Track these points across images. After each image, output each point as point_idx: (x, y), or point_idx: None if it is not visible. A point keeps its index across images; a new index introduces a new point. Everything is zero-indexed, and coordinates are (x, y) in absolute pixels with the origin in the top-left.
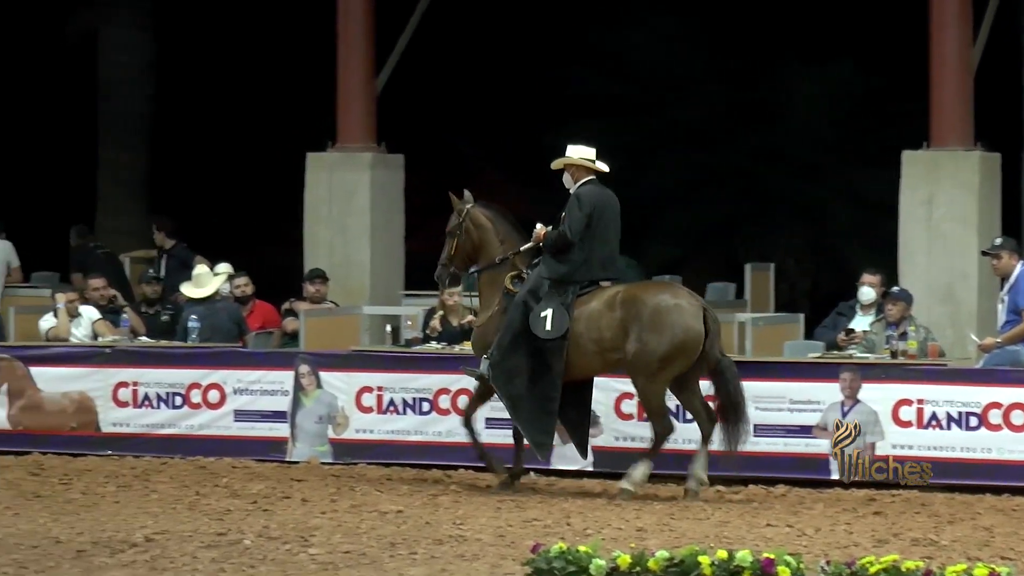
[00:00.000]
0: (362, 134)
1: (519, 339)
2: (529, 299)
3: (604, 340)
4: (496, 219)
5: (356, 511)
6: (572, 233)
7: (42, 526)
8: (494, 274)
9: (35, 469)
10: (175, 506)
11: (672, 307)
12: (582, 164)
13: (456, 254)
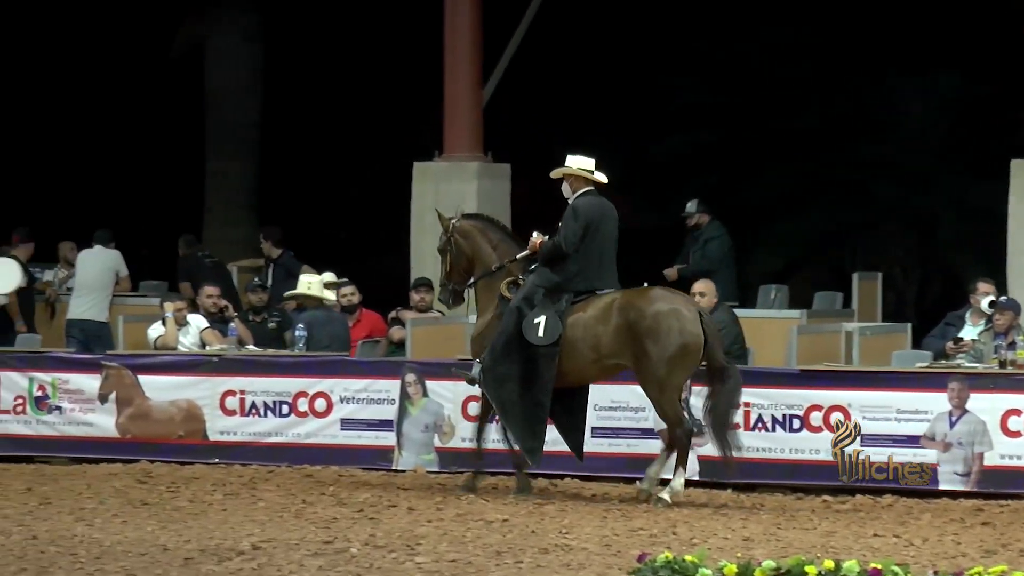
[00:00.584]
0: (469, 144)
1: (512, 345)
2: (523, 306)
3: (601, 347)
4: (485, 227)
5: (462, 520)
6: (567, 244)
7: (150, 534)
8: (490, 281)
9: (143, 477)
10: (282, 514)
11: (669, 313)
12: (581, 175)
13: (452, 270)
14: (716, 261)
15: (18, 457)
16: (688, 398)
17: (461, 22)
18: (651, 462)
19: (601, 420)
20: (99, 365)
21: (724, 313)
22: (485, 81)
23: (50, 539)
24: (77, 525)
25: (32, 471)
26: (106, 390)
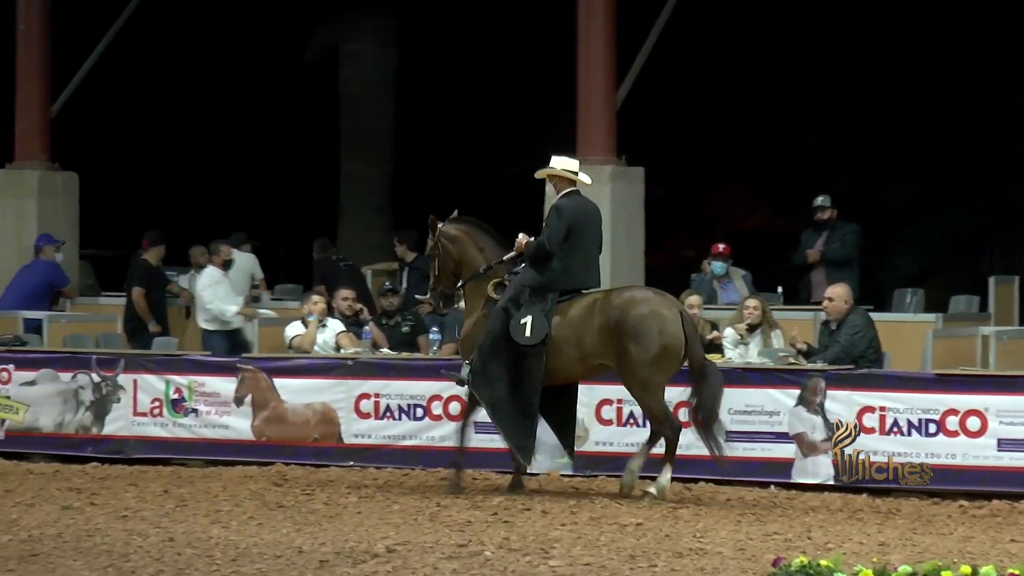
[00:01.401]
0: (602, 147)
1: (500, 345)
2: (510, 306)
3: (585, 346)
4: (471, 231)
5: (596, 523)
6: (550, 243)
7: (285, 536)
8: (477, 283)
9: (279, 480)
10: (416, 517)
11: (650, 315)
12: (565, 176)
13: (441, 274)
14: (852, 255)
15: (155, 459)
16: None
17: (595, 24)
18: (633, 455)
19: (736, 424)
20: (235, 368)
21: (859, 317)
22: (619, 84)
23: (187, 541)
24: (213, 527)
25: (169, 473)
26: (242, 393)
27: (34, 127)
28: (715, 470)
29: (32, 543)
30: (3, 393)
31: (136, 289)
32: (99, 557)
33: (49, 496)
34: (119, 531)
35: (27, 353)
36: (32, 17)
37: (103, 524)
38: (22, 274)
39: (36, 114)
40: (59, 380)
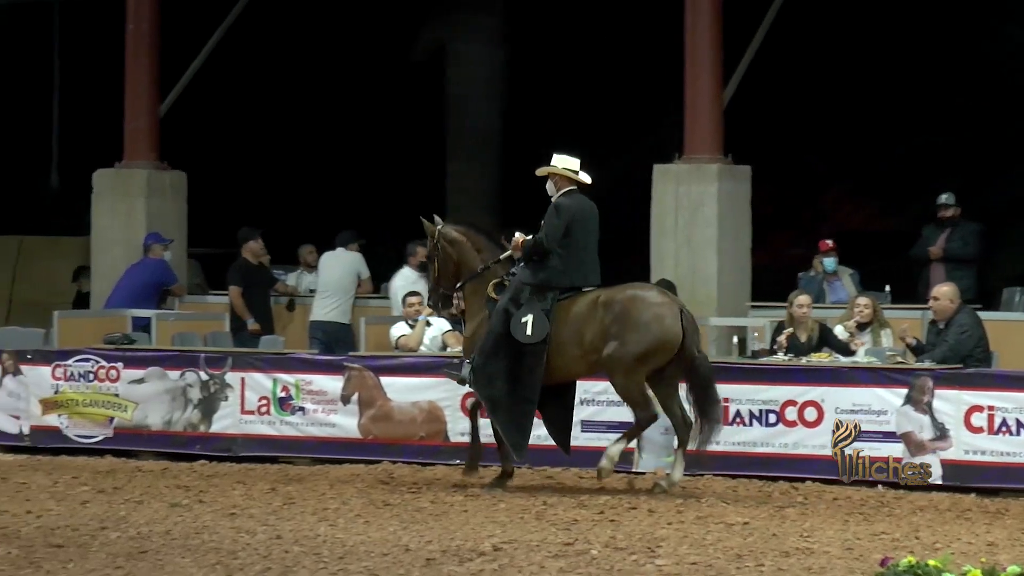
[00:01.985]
0: (709, 146)
1: (500, 344)
2: (510, 305)
3: (587, 343)
4: (469, 232)
5: (702, 522)
6: (549, 241)
7: (392, 534)
8: (477, 284)
9: (385, 478)
10: (523, 516)
11: (650, 307)
12: (565, 174)
13: (440, 276)
14: (974, 254)
15: (262, 457)
16: None
17: (702, 23)
18: None
19: None
20: (342, 367)
21: (967, 316)
22: (726, 82)
23: (294, 539)
24: (320, 525)
25: (276, 471)
26: (349, 391)
27: (143, 127)
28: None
29: (141, 540)
30: (112, 391)
31: (232, 288)
32: (207, 554)
33: (157, 494)
34: (227, 529)
35: (136, 351)
36: (141, 18)
37: (211, 522)
38: (131, 273)
39: (145, 114)
40: (167, 378)
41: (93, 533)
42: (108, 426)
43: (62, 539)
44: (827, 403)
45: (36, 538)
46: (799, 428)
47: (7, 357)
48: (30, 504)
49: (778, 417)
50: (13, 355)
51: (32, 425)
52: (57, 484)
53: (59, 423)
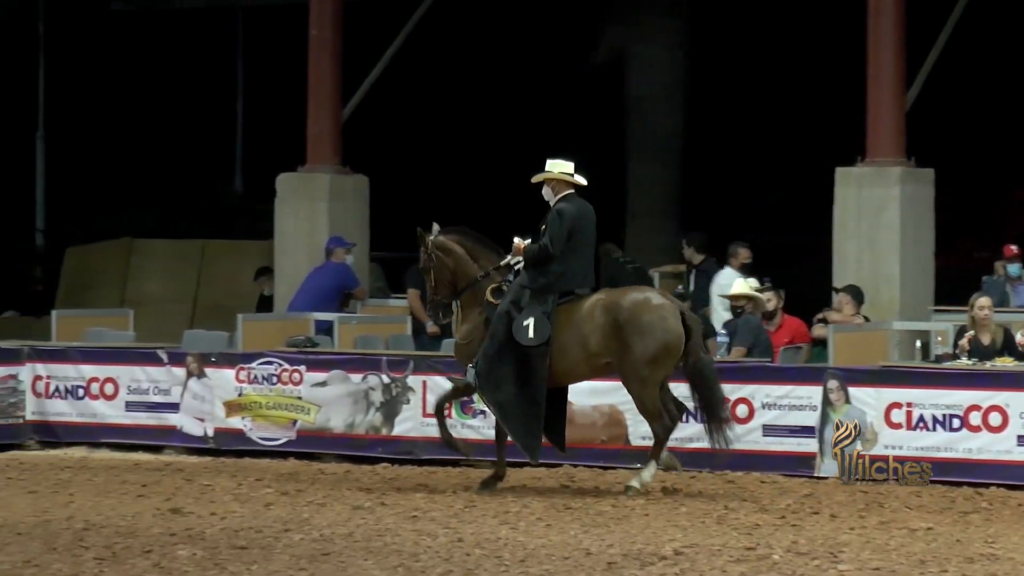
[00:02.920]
0: (892, 148)
1: (504, 348)
2: (511, 309)
3: (589, 346)
4: (463, 240)
5: (885, 528)
6: (553, 246)
7: (573, 537)
8: (475, 290)
9: (566, 481)
10: (704, 520)
11: (652, 310)
12: (562, 179)
13: (437, 285)
14: None
15: (444, 460)
16: None
17: (884, 25)
18: None
19: None
20: None
21: None
22: (909, 84)
23: (475, 542)
24: (502, 528)
25: (457, 474)
26: None
27: (326, 131)
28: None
29: (323, 542)
30: (295, 394)
31: (411, 291)
32: (389, 557)
33: (340, 496)
34: (409, 531)
35: (318, 354)
36: (324, 23)
37: (393, 524)
38: (313, 276)
39: (328, 118)
40: (350, 381)
41: (276, 535)
42: (291, 429)
43: (246, 541)
44: (1012, 408)
45: (220, 540)
46: (983, 433)
47: (192, 360)
48: (214, 506)
49: (962, 422)
50: (198, 358)
51: (216, 427)
52: (241, 486)
53: (243, 425)
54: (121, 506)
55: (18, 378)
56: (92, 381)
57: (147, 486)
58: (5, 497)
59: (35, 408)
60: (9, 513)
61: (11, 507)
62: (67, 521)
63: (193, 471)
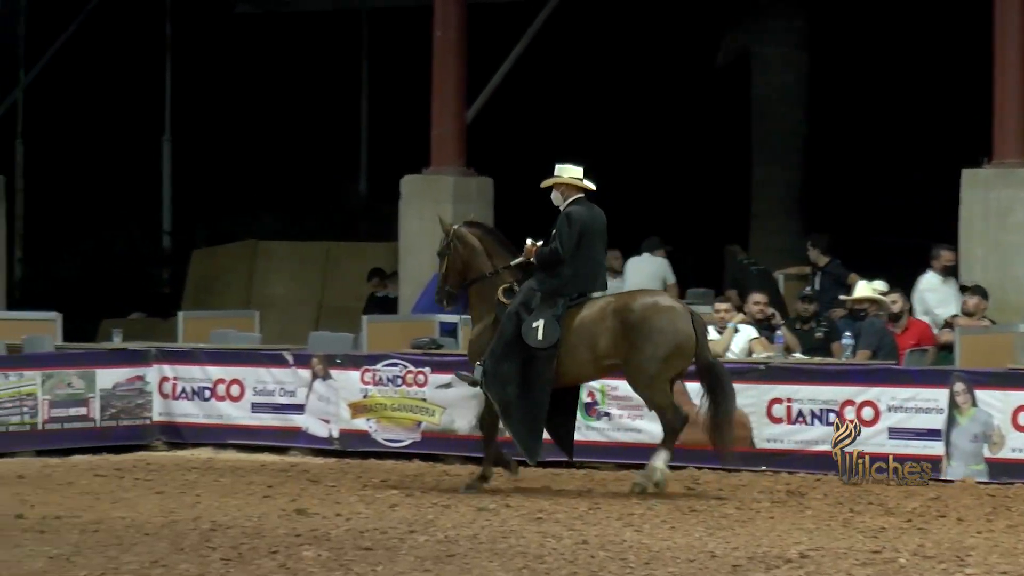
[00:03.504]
0: (1019, 150)
1: (512, 348)
2: (521, 310)
3: (598, 348)
4: (483, 236)
5: (1013, 531)
6: (564, 250)
7: (698, 540)
8: (484, 287)
9: (691, 484)
10: (829, 523)
11: (663, 312)
12: (571, 183)
13: (448, 273)
14: None
15: (567, 462)
16: None
17: (1011, 23)
18: None
19: None
20: None
21: None
22: None
23: (600, 544)
24: (626, 530)
25: (582, 476)
26: None
27: (450, 132)
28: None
29: (448, 544)
30: (419, 395)
31: None
32: (514, 558)
33: (464, 498)
34: (533, 533)
35: (443, 356)
36: (449, 25)
37: (518, 526)
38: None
39: (452, 120)
40: None
41: (401, 536)
42: (416, 430)
43: (371, 542)
44: None
45: (346, 540)
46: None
47: (317, 361)
48: (339, 507)
49: None
50: (323, 359)
51: (341, 429)
52: (366, 488)
53: (368, 427)
54: (247, 507)
55: (145, 379)
56: (218, 382)
57: (273, 487)
58: (132, 498)
59: (162, 409)
60: (136, 514)
61: (138, 508)
62: (193, 522)
63: (318, 472)
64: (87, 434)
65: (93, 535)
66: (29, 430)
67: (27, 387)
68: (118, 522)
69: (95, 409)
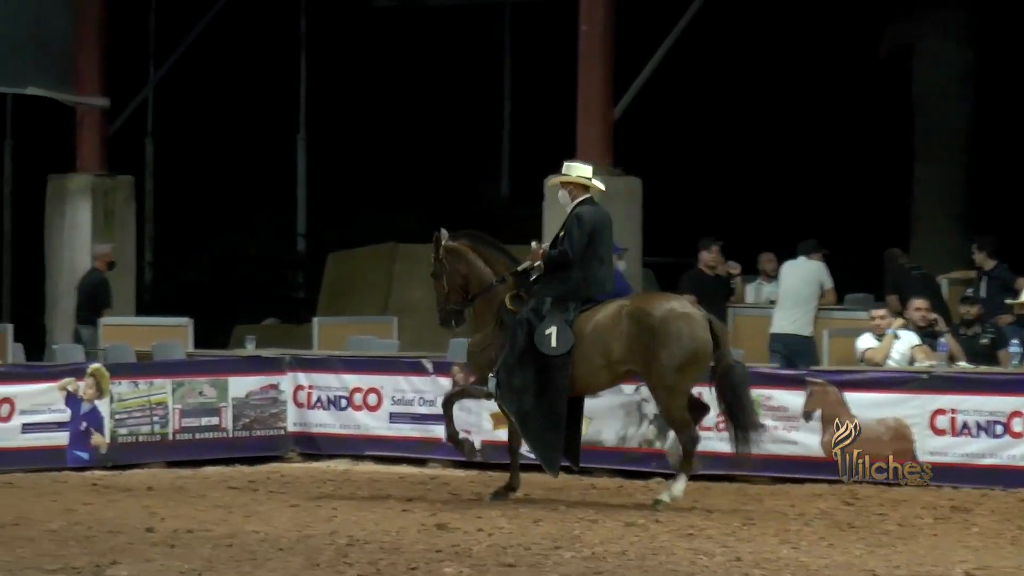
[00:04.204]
0: None
1: (525, 357)
2: (532, 317)
3: (612, 354)
4: (475, 245)
5: None
6: (573, 252)
7: (857, 558)
8: (488, 296)
9: (850, 498)
10: (996, 540)
11: (679, 318)
12: (580, 182)
13: (449, 291)
14: None
15: (719, 476)
16: None
17: None
18: None
19: None
20: (803, 381)
21: None
22: None
23: (754, 561)
24: (782, 547)
25: (735, 490)
26: (811, 407)
27: (596, 131)
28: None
29: (595, 560)
30: None
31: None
32: None
33: (612, 512)
34: (684, 549)
35: None
36: (595, 18)
37: (667, 542)
38: None
39: (598, 117)
40: (622, 393)
41: (546, 552)
42: None
43: (514, 558)
44: None
45: (488, 557)
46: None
47: (458, 370)
48: (481, 521)
49: None
50: (464, 368)
51: (484, 440)
52: (508, 501)
53: None
54: (385, 521)
55: (279, 388)
56: (355, 391)
57: (412, 500)
58: (266, 511)
59: (296, 419)
60: (270, 528)
61: (272, 521)
62: (329, 536)
63: (460, 485)
64: (219, 444)
65: (226, 550)
66: (159, 440)
67: (157, 396)
68: (251, 536)
69: (227, 419)
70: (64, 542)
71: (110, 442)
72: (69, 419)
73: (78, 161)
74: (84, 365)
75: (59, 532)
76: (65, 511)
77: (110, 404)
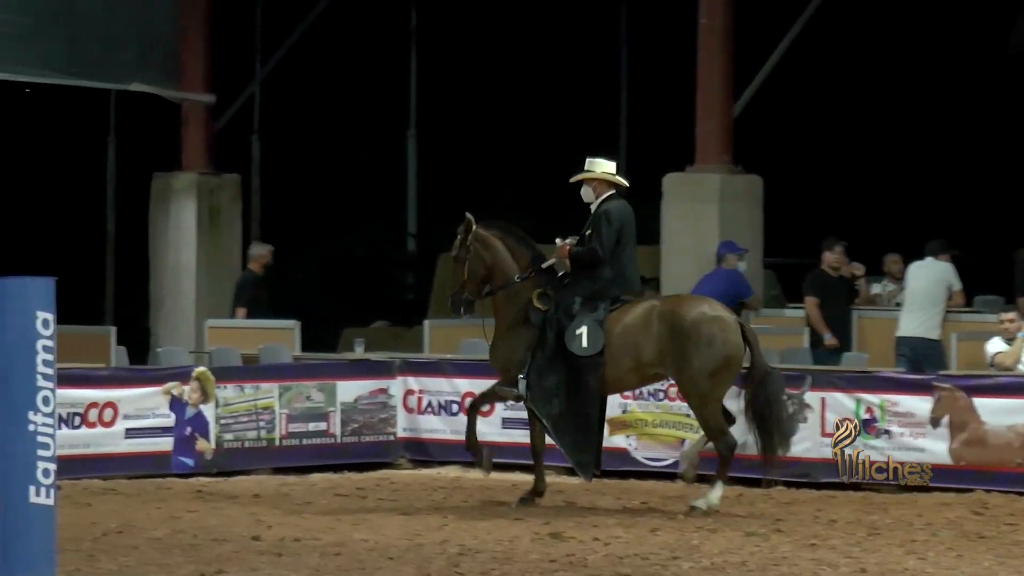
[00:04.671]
0: None
1: (555, 358)
2: (562, 317)
3: (642, 355)
4: (504, 236)
5: None
6: (603, 249)
7: (986, 569)
8: (512, 292)
9: (978, 508)
10: None
11: (712, 320)
12: (605, 178)
13: (468, 279)
14: None
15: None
16: None
17: None
18: None
19: None
20: (931, 386)
21: None
22: None
23: (880, 572)
24: (908, 558)
25: (859, 499)
26: (938, 413)
27: (715, 128)
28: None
29: (714, 571)
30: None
31: (808, 299)
32: None
33: (731, 521)
34: (807, 560)
35: None
36: (714, 11)
37: (789, 552)
38: (703, 284)
39: (718, 114)
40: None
41: (664, 562)
42: (679, 448)
43: (631, 568)
44: None
45: (603, 567)
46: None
47: None
48: (596, 531)
49: None
50: None
51: None
52: (625, 510)
53: (627, 444)
54: (497, 530)
55: (389, 392)
56: (467, 396)
57: (525, 509)
58: (375, 519)
59: (406, 424)
60: (380, 536)
61: (382, 530)
62: (440, 545)
63: (574, 492)
64: (327, 450)
65: (334, 559)
66: (266, 446)
67: (264, 400)
68: (360, 545)
69: (335, 424)
70: (168, 550)
71: (215, 448)
72: (173, 424)
73: (183, 159)
74: (189, 369)
75: (163, 540)
76: (169, 518)
77: (215, 409)
